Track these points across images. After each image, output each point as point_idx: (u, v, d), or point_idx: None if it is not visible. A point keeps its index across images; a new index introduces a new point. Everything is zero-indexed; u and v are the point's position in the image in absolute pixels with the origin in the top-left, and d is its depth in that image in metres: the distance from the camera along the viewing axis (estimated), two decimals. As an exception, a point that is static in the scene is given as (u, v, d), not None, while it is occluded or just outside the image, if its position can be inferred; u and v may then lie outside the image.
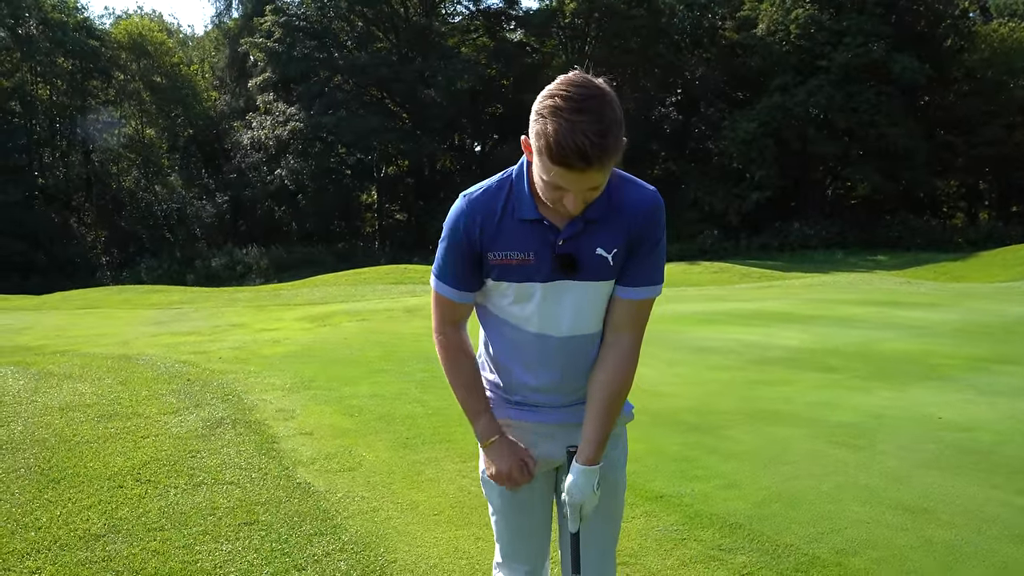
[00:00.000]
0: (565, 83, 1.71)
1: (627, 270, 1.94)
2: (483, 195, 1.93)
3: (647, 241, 1.93)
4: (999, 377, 7.56)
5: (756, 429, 5.69)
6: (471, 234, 1.91)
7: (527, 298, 1.94)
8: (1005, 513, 4.09)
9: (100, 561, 3.36)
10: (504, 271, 1.92)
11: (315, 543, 3.59)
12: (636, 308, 1.97)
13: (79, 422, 5.36)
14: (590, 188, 1.75)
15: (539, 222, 1.88)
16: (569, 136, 1.66)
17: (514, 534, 2.15)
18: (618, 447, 2.17)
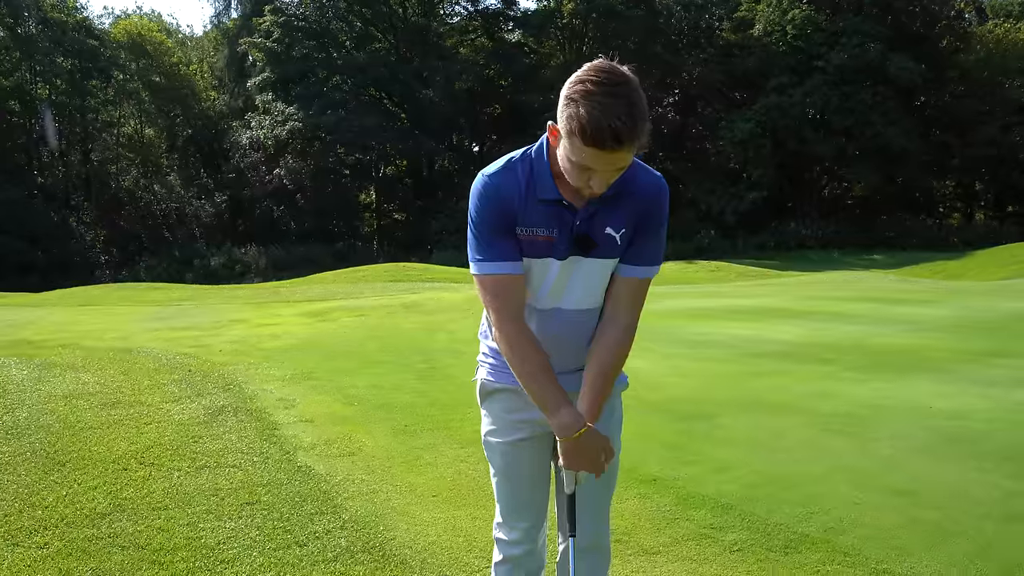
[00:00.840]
0: (595, 69, 1.82)
1: (631, 250, 2.06)
2: (505, 172, 2.01)
3: (652, 223, 2.05)
4: (992, 369, 7.64)
5: (749, 418, 5.78)
6: (504, 206, 1.98)
7: (544, 273, 2.03)
8: (992, 495, 4.18)
9: (106, 537, 3.44)
10: (529, 246, 2.01)
11: (316, 521, 3.68)
12: (637, 286, 2.08)
13: (83, 409, 5.45)
14: (616, 169, 1.85)
15: (559, 202, 1.98)
16: (602, 118, 1.76)
17: (514, 494, 2.24)
18: (613, 415, 2.26)
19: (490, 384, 2.23)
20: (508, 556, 2.26)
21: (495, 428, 2.23)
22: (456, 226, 40.96)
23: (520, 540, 2.24)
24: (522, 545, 2.24)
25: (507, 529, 2.26)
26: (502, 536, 2.28)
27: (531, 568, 2.29)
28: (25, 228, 38.85)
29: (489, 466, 2.31)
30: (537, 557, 2.30)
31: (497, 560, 2.31)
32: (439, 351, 8.56)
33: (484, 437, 2.27)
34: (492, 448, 2.25)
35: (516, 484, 2.24)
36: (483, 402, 2.27)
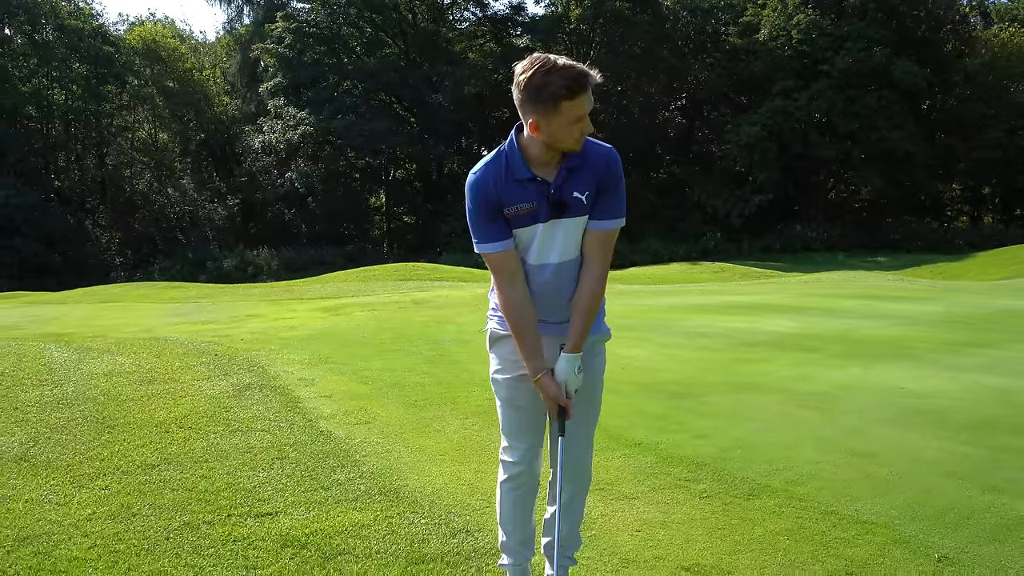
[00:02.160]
0: (532, 60, 2.42)
1: (596, 208, 2.58)
2: (486, 168, 2.58)
3: (609, 183, 2.58)
4: (968, 357, 8.10)
5: (732, 396, 6.28)
6: (489, 194, 2.53)
7: (532, 237, 2.58)
8: (941, 456, 4.67)
9: (157, 483, 3.97)
10: (517, 219, 2.55)
11: (337, 472, 4.20)
12: (604, 236, 2.62)
13: (122, 385, 5.98)
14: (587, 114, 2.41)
15: (533, 179, 2.52)
16: (570, 72, 2.36)
17: (515, 420, 2.76)
18: (598, 356, 2.80)
19: (497, 332, 2.76)
20: (511, 474, 2.78)
21: (501, 367, 2.76)
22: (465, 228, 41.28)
23: (520, 460, 2.75)
24: (522, 464, 2.75)
25: (511, 451, 2.77)
26: (506, 458, 2.79)
27: (529, 485, 2.80)
28: (42, 231, 39.61)
29: (496, 401, 2.83)
30: (533, 477, 2.81)
31: (502, 479, 2.82)
32: (447, 340, 9.07)
33: (492, 376, 2.80)
34: (499, 384, 2.78)
35: (517, 411, 2.75)
36: (491, 347, 2.80)
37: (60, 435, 4.70)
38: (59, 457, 4.31)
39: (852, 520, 3.67)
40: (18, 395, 5.50)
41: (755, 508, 3.84)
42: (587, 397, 2.72)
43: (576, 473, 2.77)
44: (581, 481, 2.81)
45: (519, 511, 2.78)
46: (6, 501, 3.66)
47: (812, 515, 3.74)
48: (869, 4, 40.03)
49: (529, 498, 2.81)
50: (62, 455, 4.34)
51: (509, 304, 2.58)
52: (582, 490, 2.83)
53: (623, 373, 6.86)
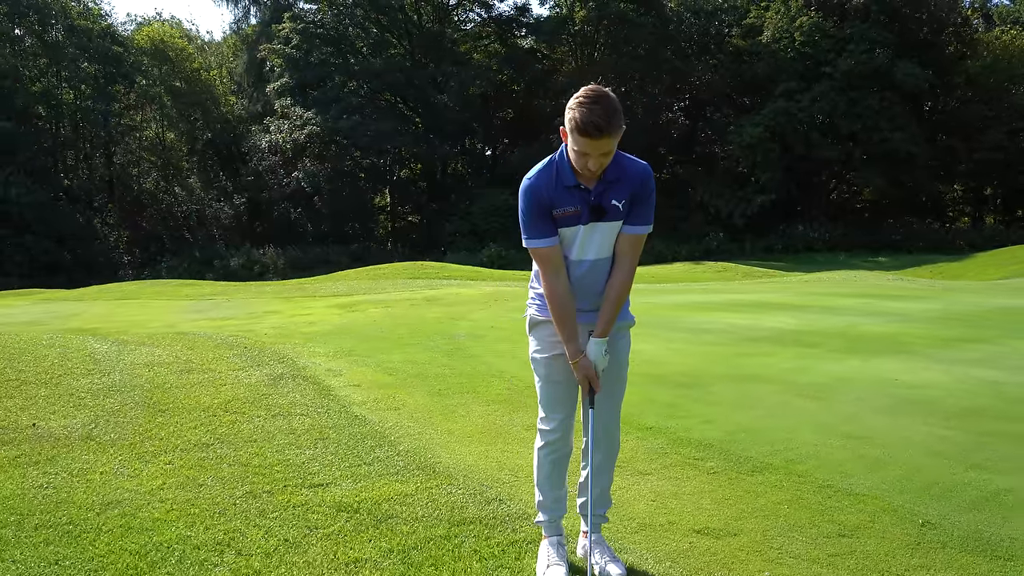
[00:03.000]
0: (584, 90, 2.81)
1: (630, 215, 2.99)
2: (539, 175, 3.00)
3: (642, 195, 3.00)
4: (962, 352, 8.49)
5: (736, 386, 6.67)
6: (541, 197, 2.95)
7: (575, 236, 3.00)
8: (930, 439, 5.06)
9: (214, 459, 4.37)
10: (563, 220, 2.98)
11: (376, 451, 4.59)
12: (634, 240, 3.04)
13: (165, 374, 6.39)
14: (603, 153, 2.81)
15: (578, 187, 2.95)
16: (588, 117, 2.72)
17: (552, 393, 3.16)
18: (623, 339, 3.20)
19: (536, 318, 3.17)
20: (548, 441, 3.17)
21: (540, 348, 3.17)
22: (469, 228, 41.90)
23: (556, 429, 3.15)
24: (557, 432, 3.15)
25: (547, 420, 3.17)
26: (544, 427, 3.19)
27: (563, 451, 3.20)
28: (52, 229, 40.08)
29: (535, 378, 3.23)
30: (567, 444, 3.21)
31: (539, 446, 3.22)
32: (462, 335, 9.46)
33: (531, 355, 3.22)
34: (537, 363, 3.18)
35: (554, 386, 3.15)
36: (531, 331, 3.21)
37: (117, 418, 5.10)
38: (121, 437, 4.71)
39: (846, 492, 4.06)
40: (70, 383, 5.90)
41: (758, 482, 4.23)
42: (614, 375, 3.12)
43: (606, 441, 3.17)
44: (611, 448, 3.20)
45: (555, 474, 3.18)
46: (84, 473, 4.06)
47: (809, 488, 4.13)
48: (871, 6, 40.36)
49: (562, 463, 3.20)
50: (123, 435, 4.75)
51: (554, 293, 3.00)
52: (611, 456, 3.22)
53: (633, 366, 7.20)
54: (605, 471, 3.20)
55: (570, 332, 2.99)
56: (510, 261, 35.79)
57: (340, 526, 3.43)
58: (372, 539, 3.30)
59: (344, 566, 3.04)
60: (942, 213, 47.32)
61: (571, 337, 3.00)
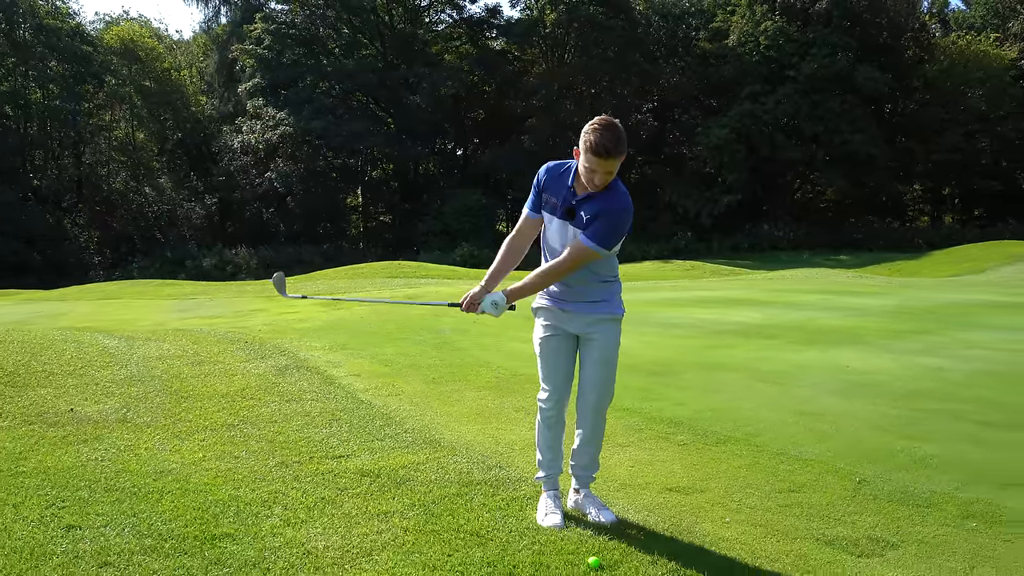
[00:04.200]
0: (597, 119, 3.45)
1: (585, 225, 3.55)
2: (555, 165, 3.68)
3: (603, 216, 3.52)
4: (910, 343, 9.23)
5: (703, 374, 7.33)
6: (542, 180, 3.65)
7: (550, 221, 3.66)
8: (873, 416, 5.74)
9: (242, 437, 4.90)
10: (546, 205, 3.66)
11: (385, 429, 5.15)
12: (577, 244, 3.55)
13: (178, 366, 6.88)
14: (607, 172, 3.43)
15: (571, 189, 3.58)
16: (600, 140, 3.36)
17: (548, 367, 3.74)
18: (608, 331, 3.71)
19: (537, 304, 3.77)
20: (544, 408, 3.76)
21: (537, 329, 3.76)
22: (442, 228, 42.37)
23: (549, 398, 3.74)
24: (551, 401, 3.74)
25: (544, 392, 3.76)
26: (541, 396, 3.77)
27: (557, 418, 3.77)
28: (21, 229, 39.81)
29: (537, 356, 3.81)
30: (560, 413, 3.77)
31: (539, 416, 3.80)
32: (447, 330, 10.02)
33: (534, 336, 3.82)
34: (537, 341, 3.78)
35: (546, 362, 3.74)
36: (535, 316, 3.81)
37: (144, 404, 5.61)
38: (154, 420, 5.22)
39: (796, 458, 4.71)
40: (94, 374, 6.37)
41: (721, 451, 4.87)
42: (602, 356, 3.69)
43: (594, 414, 3.75)
44: (598, 420, 3.77)
45: (552, 437, 3.77)
46: (131, 449, 4.57)
47: (766, 455, 4.78)
48: (833, 11, 41.55)
49: (557, 428, 3.78)
50: (155, 418, 5.25)
51: (508, 243, 3.79)
52: (599, 428, 3.79)
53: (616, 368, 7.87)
54: (594, 440, 3.77)
55: (494, 270, 3.73)
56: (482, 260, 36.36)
57: (366, 487, 3.99)
58: (396, 496, 3.87)
59: (376, 517, 3.60)
60: (902, 212, 48.77)
61: (492, 273, 3.72)
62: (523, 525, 3.54)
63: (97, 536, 3.27)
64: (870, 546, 3.51)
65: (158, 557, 3.09)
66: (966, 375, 7.24)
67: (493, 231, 46.53)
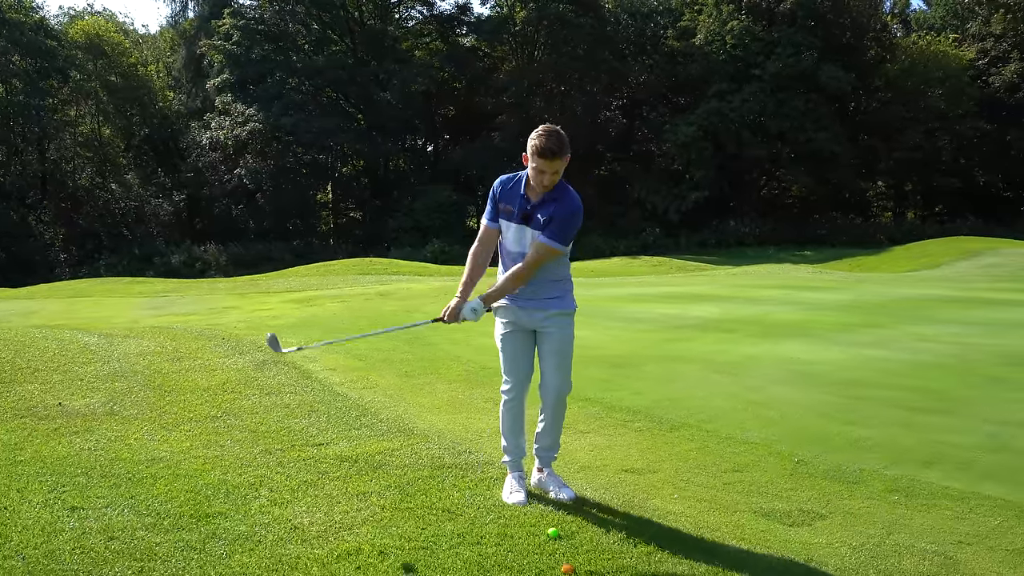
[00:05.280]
0: (541, 127, 3.84)
1: (544, 227, 3.92)
2: (507, 177, 4.04)
3: (559, 217, 3.91)
4: (858, 335, 9.75)
5: (662, 366, 7.74)
6: (497, 192, 4.00)
7: (507, 228, 4.01)
8: (815, 403, 6.18)
9: (226, 427, 5.20)
10: (503, 213, 4.00)
11: (362, 419, 5.48)
12: (538, 245, 3.92)
13: (158, 362, 7.13)
14: (553, 172, 3.81)
15: (524, 196, 3.94)
16: (545, 143, 3.76)
17: (509, 361, 4.09)
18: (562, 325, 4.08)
19: (496, 304, 4.09)
20: (508, 399, 4.11)
21: (499, 327, 4.10)
22: (412, 224, 42.51)
23: (511, 389, 4.08)
24: (513, 391, 4.08)
25: (505, 383, 4.10)
26: (504, 387, 4.11)
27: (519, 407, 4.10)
28: (-17, 226, 39.33)
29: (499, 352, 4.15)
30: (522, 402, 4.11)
31: (502, 404, 4.14)
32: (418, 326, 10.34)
33: (495, 332, 4.14)
34: (498, 338, 4.11)
35: (508, 356, 4.09)
36: (496, 313, 4.14)
37: (129, 398, 5.87)
38: (140, 412, 5.49)
39: (743, 442, 5.12)
40: (77, 370, 6.61)
41: (675, 436, 5.26)
42: (559, 348, 4.06)
43: (555, 401, 4.11)
44: (559, 406, 4.13)
45: (515, 426, 4.12)
46: (121, 439, 4.85)
47: (715, 439, 5.18)
48: (798, 11, 42.35)
49: (519, 415, 4.13)
50: (141, 411, 5.53)
51: (473, 252, 4.12)
52: (560, 413, 4.15)
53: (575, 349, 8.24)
54: (556, 424, 4.14)
55: (466, 282, 4.06)
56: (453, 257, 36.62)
57: (346, 471, 4.32)
58: (373, 479, 4.20)
59: (355, 496, 3.93)
60: (865, 209, 49.82)
61: (464, 284, 4.06)
62: (490, 502, 3.90)
63: (100, 516, 3.57)
64: (801, 517, 3.91)
65: (159, 532, 3.40)
66: (908, 366, 7.73)
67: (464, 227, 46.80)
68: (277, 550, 3.27)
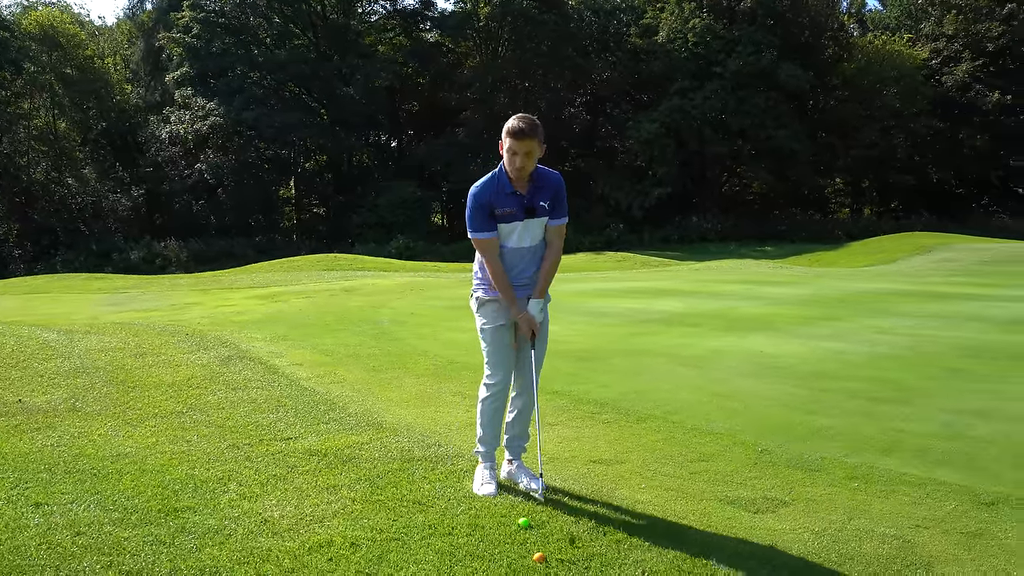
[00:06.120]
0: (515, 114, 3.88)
1: (552, 211, 4.02)
2: (484, 185, 4.00)
3: (559, 196, 4.06)
4: (818, 328, 9.93)
5: (628, 359, 7.82)
6: (484, 202, 3.96)
7: (512, 229, 4.02)
8: (779, 395, 6.29)
9: (192, 423, 5.16)
10: (504, 217, 3.99)
11: (330, 414, 5.46)
12: (559, 228, 4.10)
13: (121, 358, 7.03)
14: (527, 152, 3.84)
15: (515, 193, 3.96)
16: (516, 124, 3.83)
17: (495, 355, 4.11)
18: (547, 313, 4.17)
19: (483, 298, 4.14)
20: (492, 392, 4.12)
21: (487, 321, 4.12)
22: (376, 220, 42.26)
23: (498, 383, 4.11)
24: (499, 386, 4.11)
25: (492, 376, 4.11)
26: (490, 382, 4.12)
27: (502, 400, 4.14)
28: (-66, 221, 38.27)
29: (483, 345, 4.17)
30: (506, 395, 4.16)
31: (483, 396, 4.15)
32: (385, 322, 10.33)
33: (480, 327, 4.17)
34: (486, 332, 4.14)
35: (497, 350, 4.11)
36: (479, 309, 4.16)
37: (92, 393, 5.79)
38: (103, 408, 5.42)
39: (708, 432, 5.21)
40: (36, 366, 6.49)
41: (642, 428, 5.33)
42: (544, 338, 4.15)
43: (530, 389, 4.15)
44: (533, 395, 4.18)
45: (495, 417, 4.15)
46: (85, 435, 4.78)
47: (681, 430, 5.26)
48: (758, 10, 42.91)
49: (501, 409, 4.17)
50: (104, 407, 5.45)
51: (497, 271, 4.03)
52: (532, 401, 4.20)
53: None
54: (527, 412, 4.20)
55: (512, 296, 4.04)
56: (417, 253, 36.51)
57: (315, 465, 4.31)
58: (343, 472, 4.20)
59: (325, 490, 3.93)
60: (823, 205, 50.68)
61: (513, 300, 4.05)
62: (461, 494, 3.92)
63: (66, 511, 3.52)
64: (765, 504, 4.00)
65: (126, 527, 3.37)
66: (867, 357, 7.90)
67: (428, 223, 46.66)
68: (248, 543, 3.26)
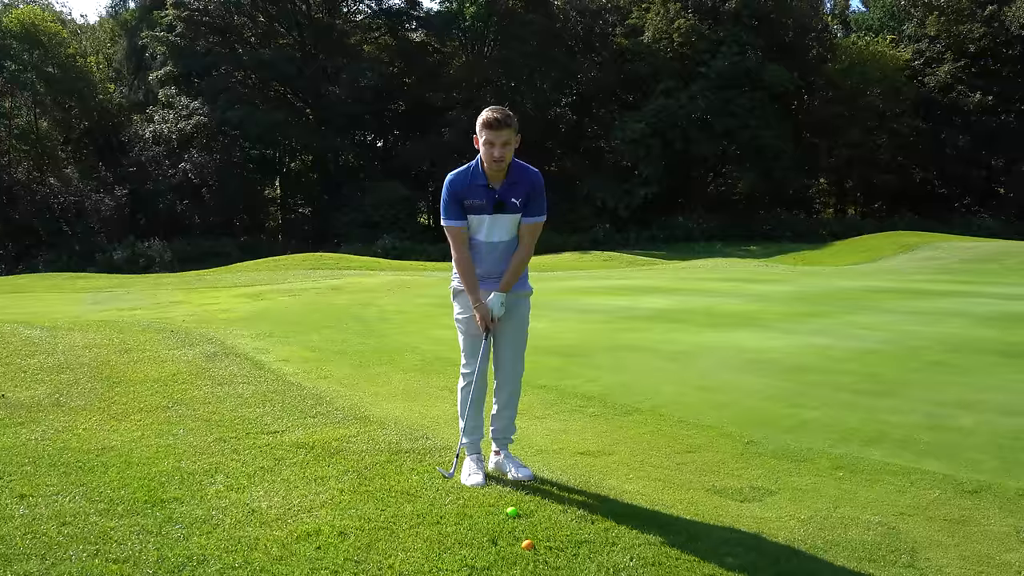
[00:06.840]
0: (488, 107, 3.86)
1: (526, 208, 3.99)
2: (458, 173, 4.00)
3: (534, 193, 4.02)
4: (802, 324, 10.01)
5: (613, 355, 7.85)
6: (456, 190, 3.95)
7: (480, 222, 4.00)
8: (764, 388, 6.34)
9: (178, 417, 5.13)
10: (471, 209, 3.97)
11: (317, 408, 5.45)
12: (531, 227, 4.06)
13: (105, 354, 6.98)
14: (503, 143, 3.84)
15: (486, 186, 3.93)
16: (491, 115, 3.83)
17: (470, 345, 4.12)
18: (524, 304, 4.19)
19: (457, 288, 4.14)
20: (468, 381, 4.13)
21: (461, 310, 4.14)
22: (363, 220, 42.15)
23: (472, 371, 4.12)
24: (473, 374, 4.11)
25: (466, 365, 4.14)
26: (465, 370, 4.15)
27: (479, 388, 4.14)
28: (-87, 221, 37.81)
29: (458, 334, 4.19)
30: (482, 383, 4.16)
31: (461, 385, 4.18)
32: (372, 319, 10.31)
33: (455, 316, 4.19)
34: (460, 321, 4.16)
35: (470, 339, 4.13)
36: (454, 298, 4.18)
37: (76, 389, 5.75)
38: (88, 403, 5.38)
39: (694, 425, 5.24)
40: (19, 362, 6.44)
41: (628, 421, 5.35)
42: (517, 329, 4.13)
43: (511, 382, 4.17)
44: (515, 387, 4.20)
45: (473, 407, 4.16)
46: (69, 429, 4.75)
47: (667, 423, 5.28)
48: (742, 11, 43.09)
49: (479, 397, 4.18)
50: (89, 402, 5.42)
51: (461, 259, 4.04)
52: (515, 394, 4.22)
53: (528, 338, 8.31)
54: (511, 405, 4.21)
55: (472, 286, 4.03)
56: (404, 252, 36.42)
57: (302, 457, 4.31)
58: (330, 464, 4.20)
59: (313, 481, 3.93)
60: (808, 205, 51.00)
61: (473, 290, 4.03)
62: (448, 484, 3.92)
63: (51, 502, 3.50)
64: (752, 493, 4.03)
65: (113, 517, 3.35)
66: (851, 352, 7.97)
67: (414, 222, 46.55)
68: (235, 532, 3.25)
